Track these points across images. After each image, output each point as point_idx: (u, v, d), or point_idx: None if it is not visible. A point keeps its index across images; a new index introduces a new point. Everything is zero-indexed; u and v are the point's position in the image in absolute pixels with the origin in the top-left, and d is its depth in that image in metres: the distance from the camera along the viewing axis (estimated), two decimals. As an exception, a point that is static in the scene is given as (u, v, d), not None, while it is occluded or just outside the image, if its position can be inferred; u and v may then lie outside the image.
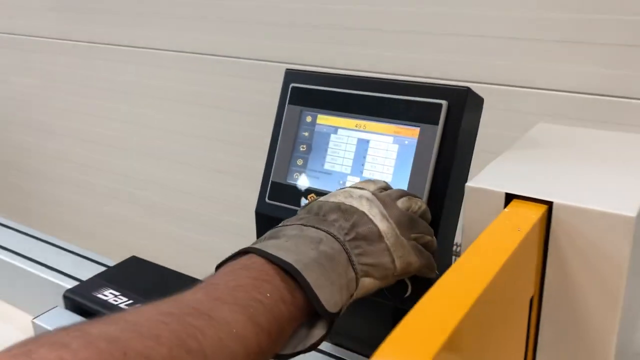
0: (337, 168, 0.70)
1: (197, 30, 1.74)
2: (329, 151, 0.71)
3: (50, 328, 0.80)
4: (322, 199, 0.57)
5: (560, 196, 0.53)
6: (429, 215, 0.61)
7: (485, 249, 0.47)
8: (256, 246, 0.50)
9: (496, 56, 1.22)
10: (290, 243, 0.50)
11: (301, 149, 0.73)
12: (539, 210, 0.52)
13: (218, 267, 0.50)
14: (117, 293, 0.83)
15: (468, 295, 0.40)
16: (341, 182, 0.70)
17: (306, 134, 0.73)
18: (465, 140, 0.66)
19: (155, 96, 1.92)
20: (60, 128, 2.28)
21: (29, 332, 0.87)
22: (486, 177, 0.59)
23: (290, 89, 0.74)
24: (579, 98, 1.12)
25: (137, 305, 0.43)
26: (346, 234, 0.52)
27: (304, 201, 0.72)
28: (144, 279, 0.89)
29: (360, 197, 0.55)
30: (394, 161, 0.67)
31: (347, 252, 0.51)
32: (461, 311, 0.38)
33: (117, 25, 1.93)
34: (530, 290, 0.55)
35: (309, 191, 0.71)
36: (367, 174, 0.68)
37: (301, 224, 0.53)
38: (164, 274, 0.91)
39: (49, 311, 0.83)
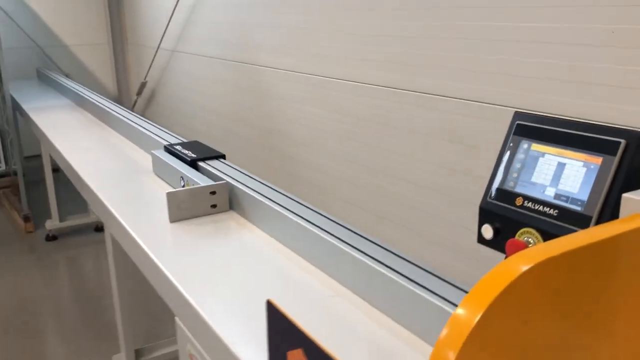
0: (540, 181, 1.01)
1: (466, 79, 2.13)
2: (537, 169, 1.02)
3: (165, 159, 2.11)
4: None
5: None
6: None
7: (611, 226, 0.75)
8: None
9: None
10: None
11: (517, 166, 1.05)
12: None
13: None
14: (182, 148, 2.17)
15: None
16: (542, 191, 1.00)
17: (522, 156, 1.04)
18: (636, 171, 0.91)
19: (420, 132, 2.34)
20: (337, 150, 2.84)
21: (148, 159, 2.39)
22: None
23: (516, 125, 1.07)
24: None
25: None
26: None
27: (516, 201, 1.03)
28: (198, 149, 2.16)
29: None
30: (581, 180, 0.95)
31: None
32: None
33: (410, 73, 2.41)
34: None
35: (518, 195, 1.03)
36: (561, 187, 0.97)
37: None
38: (207, 149, 2.17)
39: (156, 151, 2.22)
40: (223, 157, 2.07)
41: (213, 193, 1.77)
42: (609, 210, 0.90)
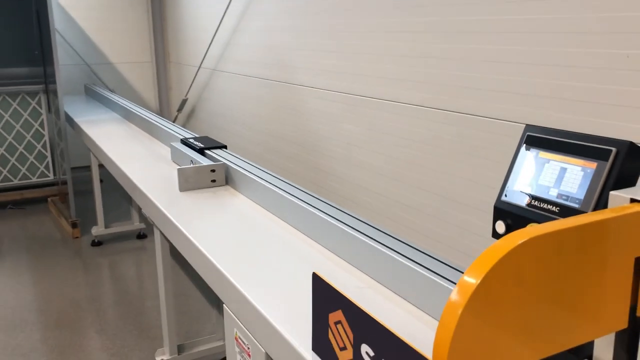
0: (546, 183, 1.17)
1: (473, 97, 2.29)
2: (543, 173, 1.18)
3: (180, 148, 2.76)
4: None
5: (659, 201, 0.93)
6: None
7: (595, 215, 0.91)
8: None
9: None
10: None
11: (527, 171, 1.21)
12: (645, 207, 0.93)
13: None
14: (194, 140, 2.83)
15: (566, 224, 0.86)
16: (547, 192, 1.16)
17: (531, 162, 1.21)
18: (626, 175, 1.07)
19: (437, 145, 2.51)
20: (364, 163, 3.02)
21: (167, 150, 3.15)
22: (628, 190, 1.00)
23: (526, 135, 1.23)
24: None
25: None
26: None
27: (525, 201, 1.19)
28: (206, 141, 2.78)
29: None
30: (579, 181, 1.11)
31: None
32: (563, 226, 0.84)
33: (440, 93, 2.59)
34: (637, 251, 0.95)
35: (526, 195, 1.19)
36: (562, 188, 1.14)
37: None
38: (214, 141, 2.79)
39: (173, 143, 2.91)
40: (225, 147, 2.74)
41: (213, 171, 2.40)
42: (602, 206, 1.06)
